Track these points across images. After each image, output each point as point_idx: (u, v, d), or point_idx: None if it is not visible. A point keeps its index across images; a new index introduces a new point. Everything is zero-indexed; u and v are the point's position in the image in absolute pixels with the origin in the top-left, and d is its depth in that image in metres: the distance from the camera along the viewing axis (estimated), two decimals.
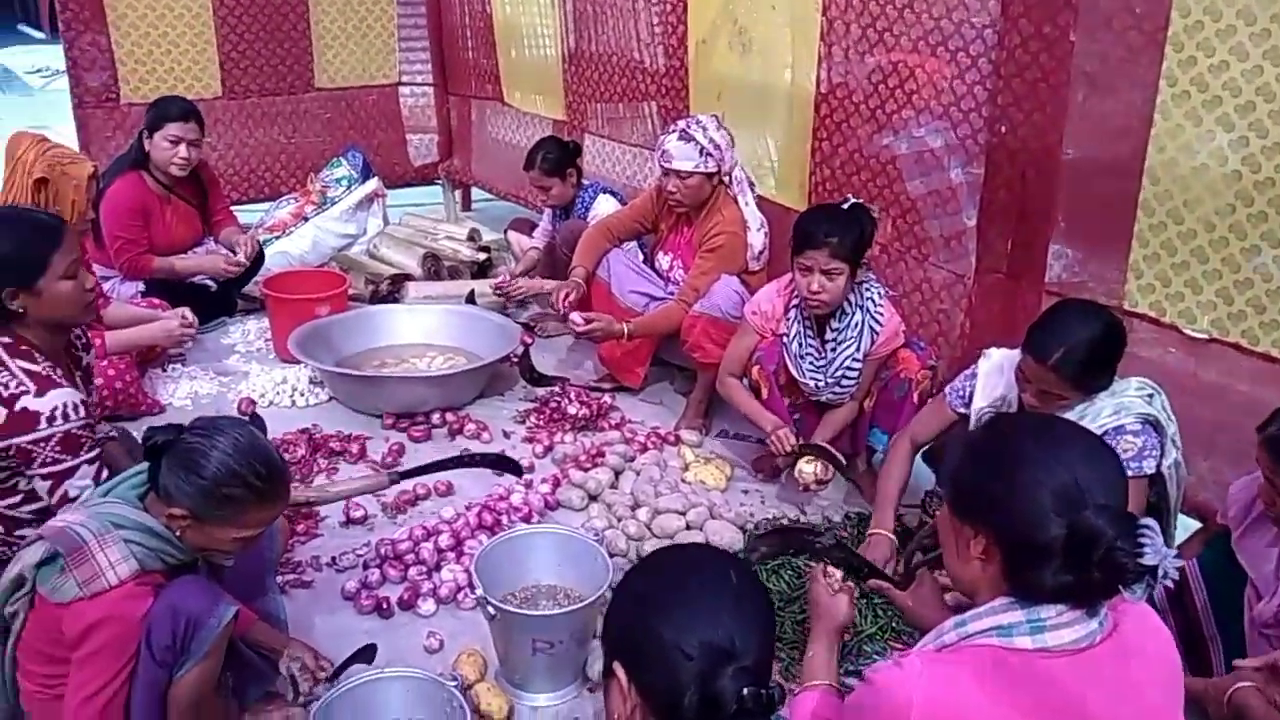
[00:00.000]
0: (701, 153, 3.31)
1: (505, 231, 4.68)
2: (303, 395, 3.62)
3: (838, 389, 2.93)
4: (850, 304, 2.84)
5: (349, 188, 4.95)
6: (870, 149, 3.28)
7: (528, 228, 4.54)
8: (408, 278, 4.39)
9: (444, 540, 2.72)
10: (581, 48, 4.59)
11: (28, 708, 1.88)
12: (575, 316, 3.37)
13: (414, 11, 5.52)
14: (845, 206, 2.77)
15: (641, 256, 3.86)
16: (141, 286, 3.93)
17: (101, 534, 1.76)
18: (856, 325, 2.85)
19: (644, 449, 3.29)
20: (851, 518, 2.94)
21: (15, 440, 2.07)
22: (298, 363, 3.76)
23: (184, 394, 3.62)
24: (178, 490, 1.78)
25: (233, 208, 4.52)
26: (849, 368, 2.89)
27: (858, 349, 2.86)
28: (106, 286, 3.83)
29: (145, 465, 1.86)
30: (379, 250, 4.73)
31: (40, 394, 2.08)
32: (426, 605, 2.51)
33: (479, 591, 2.14)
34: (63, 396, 2.10)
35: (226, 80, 5.01)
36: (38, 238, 2.16)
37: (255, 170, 5.23)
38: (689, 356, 3.41)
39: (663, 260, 3.66)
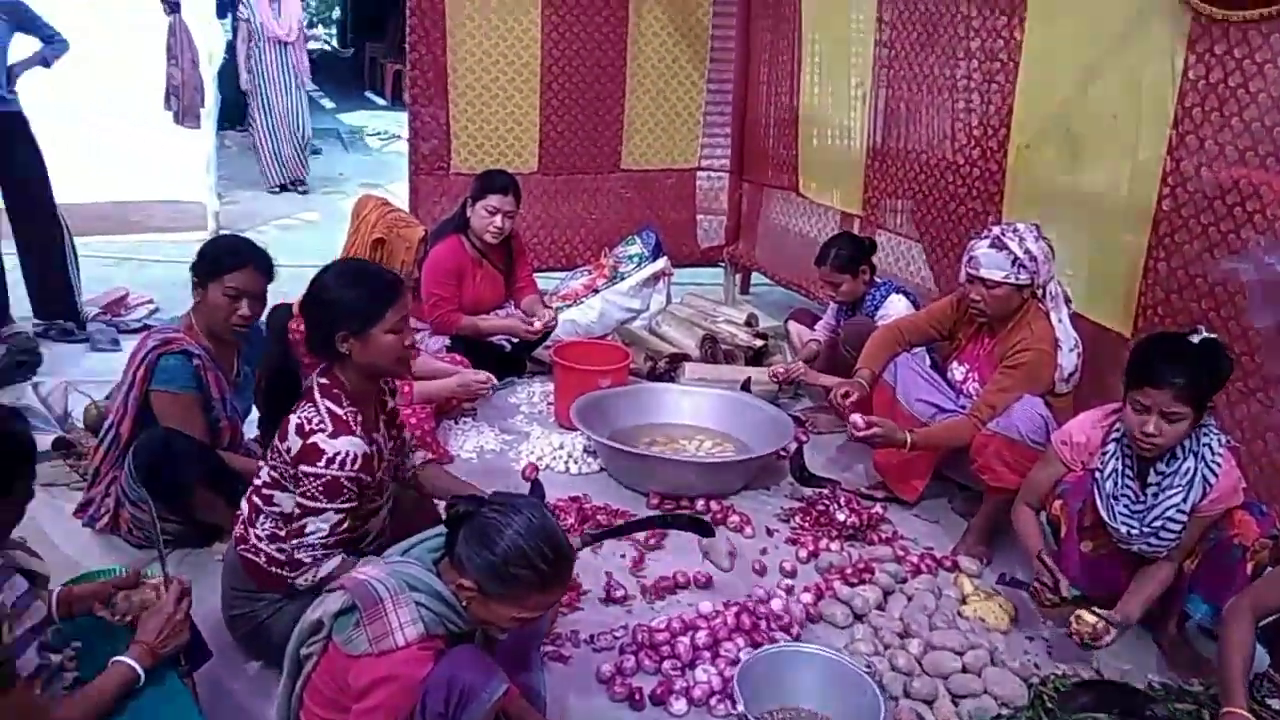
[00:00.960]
0: (1014, 263, 3.10)
1: (785, 321, 4.63)
2: (576, 463, 3.71)
3: (1154, 540, 2.58)
4: (1183, 448, 2.51)
5: (639, 264, 5.13)
6: (1214, 273, 2.94)
7: (809, 319, 4.47)
8: (685, 358, 4.44)
9: (701, 638, 2.64)
10: (888, 144, 4.49)
11: None
12: (856, 418, 3.23)
13: (721, 99, 5.68)
14: (1196, 340, 2.44)
15: (929, 363, 3.66)
16: (447, 342, 4.23)
17: (396, 593, 1.83)
18: (1187, 473, 2.51)
19: (917, 571, 3.07)
20: (1157, 688, 2.56)
21: (299, 467, 2.24)
22: (575, 430, 3.88)
23: (471, 447, 3.81)
24: (469, 562, 1.82)
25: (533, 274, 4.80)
26: (1170, 519, 2.54)
27: (1185, 500, 2.51)
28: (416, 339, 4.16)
29: (443, 530, 1.93)
30: (660, 327, 4.83)
31: (333, 436, 2.24)
32: (678, 704, 2.44)
33: (740, 708, 2.04)
34: (350, 446, 2.25)
35: (544, 157, 5.36)
36: (380, 291, 2.35)
37: (557, 241, 5.53)
38: (976, 477, 3.17)
39: (956, 371, 3.45)
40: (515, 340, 4.40)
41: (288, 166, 8.28)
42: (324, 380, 2.33)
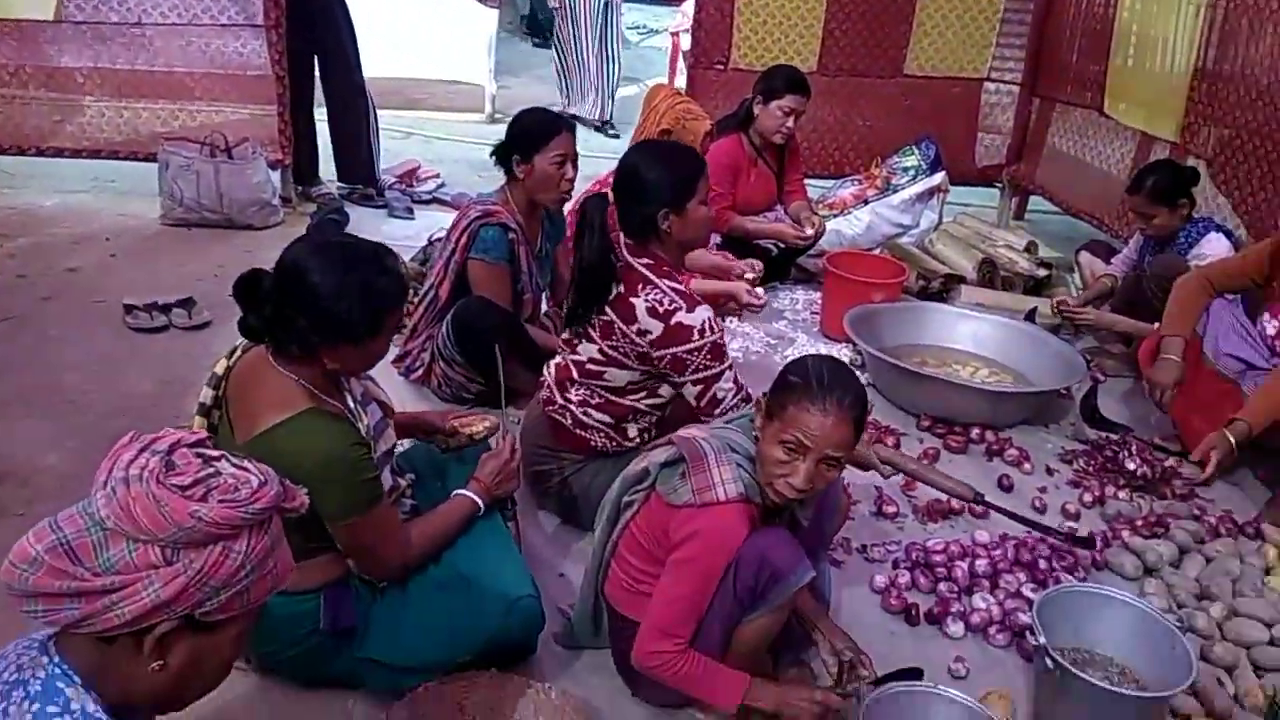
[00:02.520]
0: None
1: (1076, 252, 4.33)
2: None
3: None
4: None
5: (914, 178, 4.91)
6: None
7: (1105, 253, 4.14)
8: (961, 280, 4.25)
9: (981, 566, 2.59)
10: (1221, 66, 4.03)
11: (610, 593, 2.10)
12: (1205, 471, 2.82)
13: (1022, 7, 5.26)
14: None
15: (1242, 309, 3.32)
16: (718, 240, 4.24)
17: (720, 451, 1.89)
18: None
19: (1215, 533, 2.85)
20: None
21: (671, 350, 2.33)
22: (840, 341, 3.83)
23: (737, 347, 3.85)
24: (772, 385, 1.88)
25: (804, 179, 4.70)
26: None
27: None
28: None
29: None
30: (934, 246, 4.64)
31: (690, 310, 2.34)
32: (955, 627, 2.41)
33: (1041, 639, 1.99)
34: (706, 312, 2.36)
35: (824, 56, 5.18)
36: (689, 165, 2.44)
37: (827, 147, 5.38)
38: None
39: (1270, 324, 3.11)
40: (782, 245, 4.36)
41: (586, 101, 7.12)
42: (648, 260, 2.40)
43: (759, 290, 3.77)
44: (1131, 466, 3.13)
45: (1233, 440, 2.80)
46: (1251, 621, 2.41)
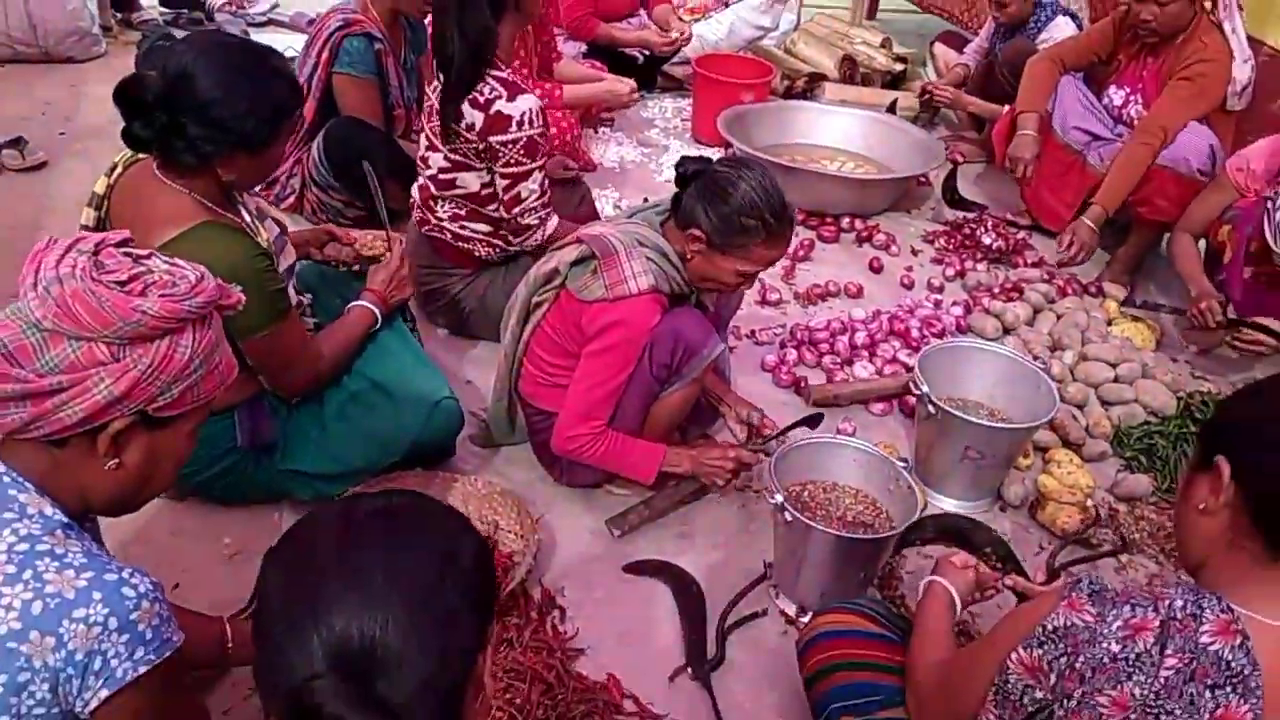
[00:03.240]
0: None
1: (931, 44, 4.45)
2: None
3: None
4: None
5: None
6: None
7: (958, 43, 4.28)
8: (823, 78, 4.32)
9: (859, 338, 2.78)
10: None
11: (525, 390, 2.17)
12: (1061, 243, 3.09)
13: None
14: None
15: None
16: (583, 49, 4.15)
17: (630, 247, 1.94)
18: None
19: (1063, 293, 3.13)
20: None
21: (489, 139, 2.29)
22: (713, 145, 3.87)
23: (613, 157, 3.84)
24: (700, 215, 1.91)
25: None
26: None
27: None
28: None
29: (666, 200, 2.02)
30: (795, 46, 4.66)
31: (511, 99, 2.28)
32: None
33: (924, 388, 2.18)
34: (530, 102, 2.30)
35: None
36: None
37: None
38: (1133, 209, 3.15)
39: (1115, 95, 3.32)
40: (647, 53, 4.30)
41: None
42: None
43: (630, 81, 3.77)
44: (988, 241, 3.37)
45: (1090, 224, 3.06)
46: (1099, 364, 2.70)
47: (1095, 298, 3.14)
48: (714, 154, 3.84)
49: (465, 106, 2.29)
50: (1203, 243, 2.92)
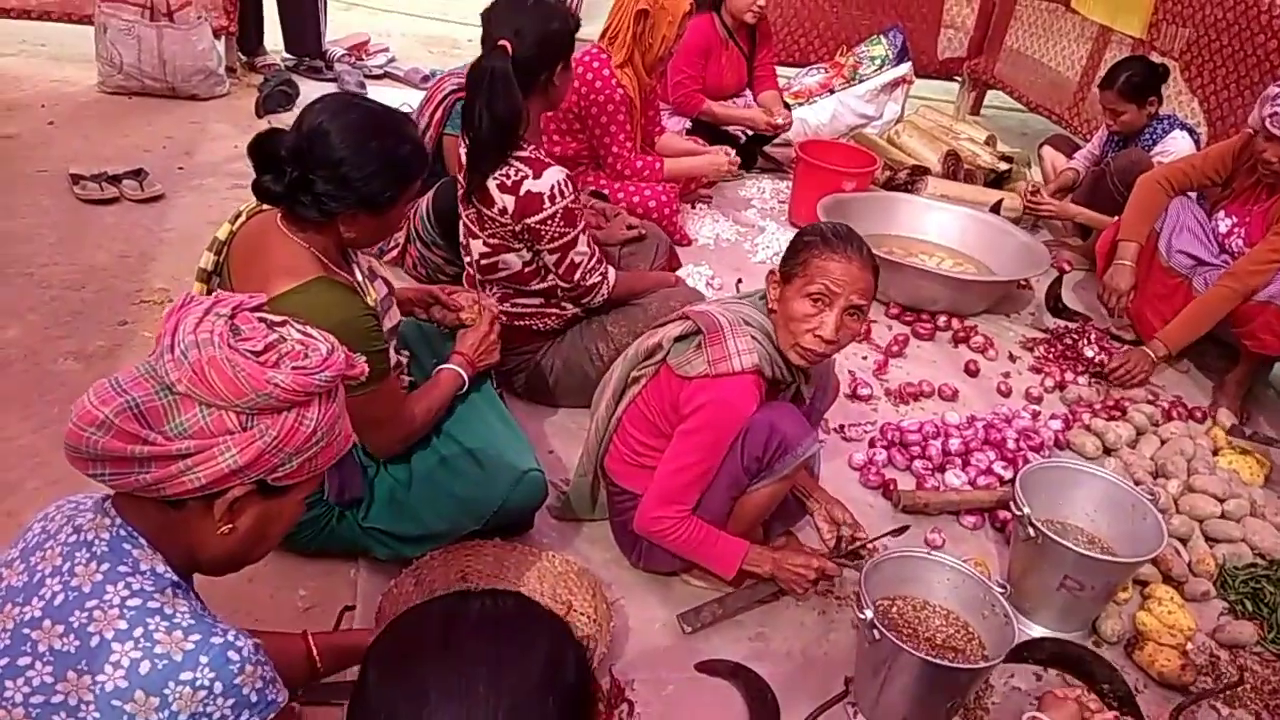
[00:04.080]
0: None
1: (1040, 146, 4.39)
2: None
3: None
4: None
5: (881, 68, 4.88)
6: None
7: (1066, 147, 4.22)
8: (926, 171, 4.28)
9: (953, 444, 2.69)
10: None
11: (611, 467, 2.13)
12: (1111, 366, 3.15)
13: None
14: None
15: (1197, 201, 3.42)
16: (687, 124, 4.18)
17: (735, 324, 1.91)
18: None
19: (1169, 416, 3.01)
20: None
21: (526, 221, 2.30)
22: None
23: (708, 234, 3.84)
24: (782, 258, 1.92)
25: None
26: None
27: None
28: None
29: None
30: (899, 137, 4.65)
31: (537, 176, 2.28)
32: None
33: (1026, 510, 2.09)
34: (554, 174, 2.29)
35: None
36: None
37: (794, 33, 5.29)
38: (1237, 340, 3.03)
39: (1222, 222, 3.22)
40: (749, 133, 4.32)
41: None
42: None
43: (728, 149, 3.79)
44: (1090, 354, 3.27)
45: (1149, 353, 3.10)
46: (1205, 497, 2.57)
47: (1201, 423, 3.01)
48: None
49: (495, 191, 2.31)
50: None
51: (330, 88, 4.73)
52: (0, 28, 4.61)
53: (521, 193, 2.29)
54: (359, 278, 1.85)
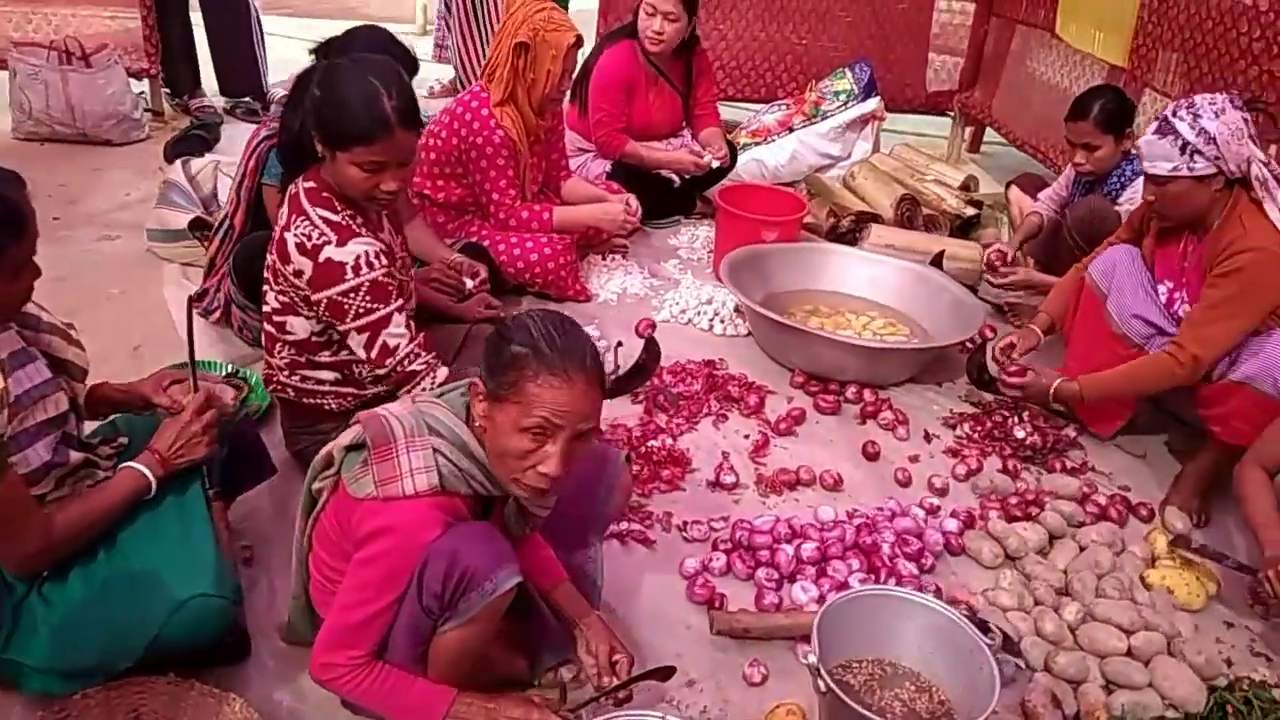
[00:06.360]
0: (1185, 150, 2.33)
1: (1006, 187, 3.90)
2: (724, 322, 3.30)
3: None
4: None
5: (845, 104, 4.47)
6: None
7: (1033, 187, 3.70)
8: (875, 218, 3.83)
9: (807, 550, 2.25)
10: None
11: (311, 591, 1.78)
12: (1008, 374, 2.68)
13: None
14: None
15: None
16: (608, 167, 3.84)
17: (413, 434, 1.56)
18: None
19: (1102, 516, 2.50)
20: None
21: (326, 293, 2.00)
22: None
23: (614, 288, 3.47)
24: (482, 365, 1.55)
25: (721, 103, 4.26)
26: None
27: None
28: (577, 164, 3.79)
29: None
30: (855, 180, 4.20)
31: (341, 244, 1.99)
32: None
33: (813, 658, 1.65)
34: (363, 245, 2.00)
35: None
36: (368, 116, 1.94)
37: (757, 67, 4.90)
38: (1204, 424, 2.52)
39: (1162, 289, 2.68)
40: (685, 175, 3.94)
41: None
42: (310, 184, 2.04)
43: (632, 203, 3.46)
44: (1021, 434, 2.78)
45: (1049, 384, 2.63)
46: (1107, 628, 2.08)
47: (1145, 523, 2.50)
48: (728, 294, 3.40)
49: (292, 250, 2.01)
50: None
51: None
52: None
53: (321, 259, 2.00)
54: None
